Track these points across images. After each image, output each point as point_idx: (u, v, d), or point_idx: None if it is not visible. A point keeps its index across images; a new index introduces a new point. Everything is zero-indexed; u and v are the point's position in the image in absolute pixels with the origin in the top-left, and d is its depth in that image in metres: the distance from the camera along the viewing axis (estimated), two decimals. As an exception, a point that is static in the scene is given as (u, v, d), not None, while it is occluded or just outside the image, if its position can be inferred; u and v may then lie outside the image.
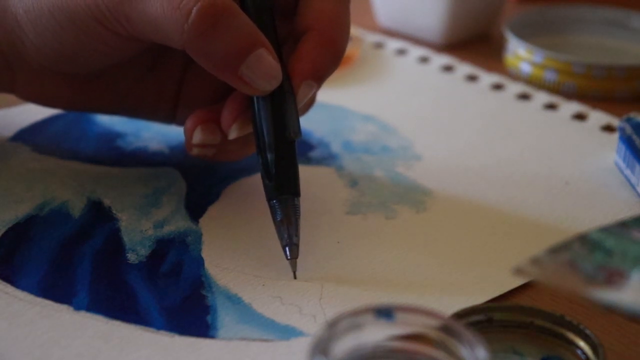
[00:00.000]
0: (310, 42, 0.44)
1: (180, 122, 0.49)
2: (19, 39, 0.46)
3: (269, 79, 0.43)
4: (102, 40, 0.44)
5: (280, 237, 0.43)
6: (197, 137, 0.46)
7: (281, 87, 0.43)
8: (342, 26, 0.45)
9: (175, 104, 0.50)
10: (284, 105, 0.44)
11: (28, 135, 0.54)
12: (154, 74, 0.49)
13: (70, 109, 0.51)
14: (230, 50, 0.42)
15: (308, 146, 0.54)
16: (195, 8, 0.41)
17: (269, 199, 0.43)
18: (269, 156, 0.43)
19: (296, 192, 0.43)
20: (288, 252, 0.42)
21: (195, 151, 0.47)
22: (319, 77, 0.44)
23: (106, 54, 0.45)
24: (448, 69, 0.65)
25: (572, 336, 0.38)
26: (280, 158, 0.43)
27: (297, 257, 0.42)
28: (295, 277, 0.42)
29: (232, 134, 0.45)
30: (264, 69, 0.42)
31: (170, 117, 0.50)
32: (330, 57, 0.45)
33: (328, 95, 0.60)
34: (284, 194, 0.43)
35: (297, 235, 0.42)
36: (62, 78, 0.48)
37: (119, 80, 0.49)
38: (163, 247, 0.45)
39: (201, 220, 0.47)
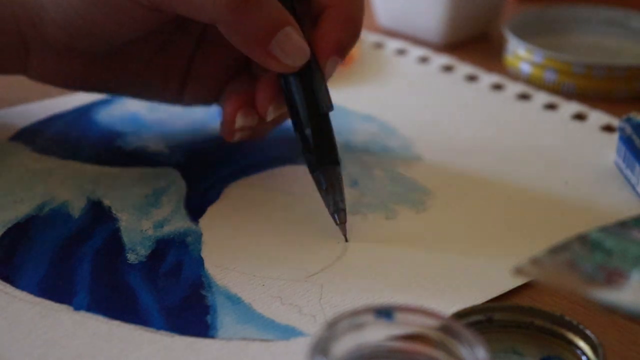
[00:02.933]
0: (330, 19, 0.46)
1: (187, 103, 0.52)
2: (39, 16, 0.47)
3: (297, 55, 0.45)
4: (129, 13, 0.45)
5: (327, 205, 0.45)
6: (240, 122, 0.48)
7: (309, 65, 0.46)
8: (358, 1, 0.47)
9: (183, 85, 0.51)
10: (313, 82, 0.46)
11: (28, 135, 0.54)
12: (163, 55, 0.50)
13: (81, 89, 0.52)
14: (261, 26, 0.44)
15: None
16: None
17: (311, 171, 0.46)
18: (307, 131, 0.46)
19: (336, 161, 0.46)
20: (337, 218, 0.45)
21: (237, 136, 0.49)
22: (342, 53, 0.47)
23: (129, 27, 0.46)
24: (448, 69, 0.65)
25: (571, 336, 0.38)
26: (317, 131, 0.46)
27: (345, 222, 0.45)
28: (347, 240, 0.45)
29: (270, 116, 0.48)
30: (292, 46, 0.44)
31: (177, 98, 0.52)
32: (351, 33, 0.47)
33: (328, 95, 0.60)
34: (325, 164, 0.45)
35: (343, 201, 0.45)
36: (76, 57, 0.49)
37: (131, 60, 0.50)
38: (163, 247, 0.45)
39: (201, 220, 0.47)
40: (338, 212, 0.45)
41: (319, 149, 0.46)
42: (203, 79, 0.51)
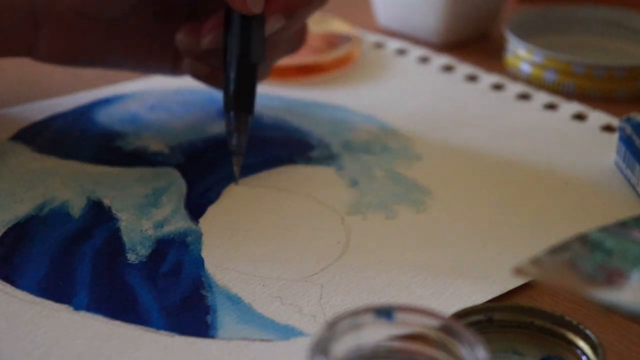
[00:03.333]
0: None
1: (184, 72, 0.54)
2: None
3: (258, 2, 0.48)
4: None
5: (230, 145, 0.49)
6: (179, 38, 0.51)
7: (255, 16, 0.49)
8: None
9: (179, 53, 0.53)
10: (252, 33, 0.49)
11: (28, 135, 0.54)
12: (161, 24, 0.52)
13: (85, 64, 0.53)
14: None
15: (308, 146, 0.54)
16: None
17: (226, 111, 0.49)
18: (232, 74, 0.49)
19: (250, 111, 0.50)
20: (234, 159, 0.49)
21: (187, 65, 0.52)
22: (290, 14, 0.49)
23: None
24: (448, 69, 0.65)
25: (571, 336, 0.38)
26: (241, 78, 0.49)
27: (241, 165, 0.49)
28: (237, 183, 0.49)
29: (203, 43, 0.50)
30: None
31: (174, 67, 0.54)
32: None
33: (328, 95, 0.60)
34: (240, 110, 0.49)
35: (244, 147, 0.49)
36: (84, 26, 0.50)
37: (130, 29, 0.52)
38: (163, 247, 0.45)
39: (201, 220, 0.47)
40: (237, 155, 0.49)
41: (238, 93, 0.49)
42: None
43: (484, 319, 0.39)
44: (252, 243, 0.45)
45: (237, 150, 0.49)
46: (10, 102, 0.56)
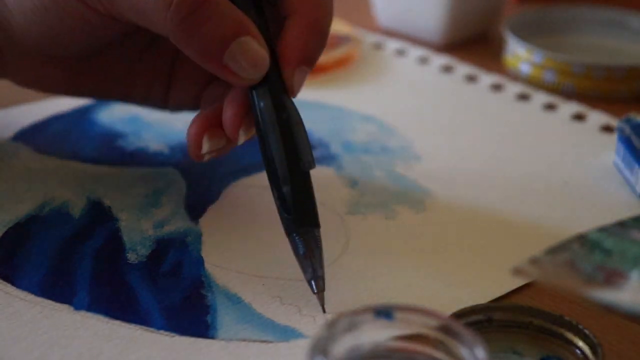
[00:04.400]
0: (295, 26, 0.43)
1: (173, 108, 0.50)
2: (7, 21, 0.46)
3: (255, 67, 0.42)
4: (84, 19, 0.44)
5: (305, 271, 0.41)
6: (206, 146, 0.44)
7: (289, 118, 0.42)
8: (325, 5, 0.44)
9: (167, 89, 0.49)
10: (294, 137, 0.42)
11: (28, 135, 0.54)
12: (146, 58, 0.49)
13: (66, 94, 0.51)
14: (212, 37, 0.41)
15: (308, 146, 0.54)
16: None
17: (288, 233, 0.41)
18: (285, 189, 0.41)
19: (316, 224, 0.41)
20: (314, 286, 0.41)
21: (207, 158, 0.45)
22: (310, 61, 0.43)
23: (89, 33, 0.45)
24: (448, 69, 0.65)
25: (571, 336, 0.38)
26: (297, 190, 0.41)
27: (323, 290, 0.41)
28: (324, 311, 0.40)
29: (241, 139, 0.44)
30: (248, 57, 0.41)
31: (163, 102, 0.50)
32: (318, 39, 0.43)
33: (328, 95, 0.60)
34: (303, 227, 0.41)
35: (322, 267, 0.41)
36: (53, 62, 0.48)
37: (112, 64, 0.48)
38: (163, 247, 0.45)
39: (201, 220, 0.47)
40: (316, 279, 0.41)
41: (297, 209, 0.41)
42: (186, 82, 0.49)
43: (484, 319, 0.39)
44: (252, 243, 0.45)
45: (317, 275, 0.41)
46: (10, 102, 0.56)
